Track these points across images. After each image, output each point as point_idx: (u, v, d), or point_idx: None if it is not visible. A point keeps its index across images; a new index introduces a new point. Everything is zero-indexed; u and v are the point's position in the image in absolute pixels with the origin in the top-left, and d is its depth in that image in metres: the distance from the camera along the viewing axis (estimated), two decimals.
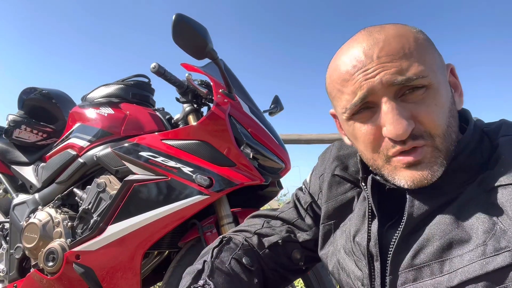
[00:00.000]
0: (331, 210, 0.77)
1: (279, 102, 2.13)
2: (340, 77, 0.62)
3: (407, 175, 0.58)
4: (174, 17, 1.24)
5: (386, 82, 0.56)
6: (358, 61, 0.59)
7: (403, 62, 0.56)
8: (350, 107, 0.60)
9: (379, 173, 0.64)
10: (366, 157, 0.65)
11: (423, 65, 0.56)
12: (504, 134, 0.60)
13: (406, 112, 0.56)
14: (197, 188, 1.35)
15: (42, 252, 1.49)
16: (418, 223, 0.59)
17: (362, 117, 0.61)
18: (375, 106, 0.59)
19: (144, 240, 1.37)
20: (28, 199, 1.75)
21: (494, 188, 0.54)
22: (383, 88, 0.56)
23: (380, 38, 0.58)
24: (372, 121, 0.59)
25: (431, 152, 0.57)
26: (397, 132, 0.55)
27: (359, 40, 0.61)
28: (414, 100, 0.57)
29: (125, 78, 1.77)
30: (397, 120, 0.55)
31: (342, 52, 0.64)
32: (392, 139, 0.57)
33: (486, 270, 0.49)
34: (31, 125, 1.93)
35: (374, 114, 0.59)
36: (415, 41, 0.58)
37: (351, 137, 0.66)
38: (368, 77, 0.57)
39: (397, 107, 0.56)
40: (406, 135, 0.55)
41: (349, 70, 0.60)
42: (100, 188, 1.48)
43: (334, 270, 0.73)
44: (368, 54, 0.58)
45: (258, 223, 0.88)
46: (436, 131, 0.57)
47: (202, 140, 1.43)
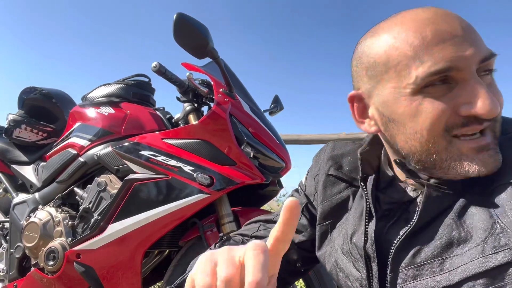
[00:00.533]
0: (327, 210, 0.77)
1: (279, 101, 2.14)
2: (415, 41, 0.54)
3: (479, 159, 0.54)
4: (175, 16, 1.25)
5: (478, 57, 0.52)
6: (441, 27, 0.53)
7: (481, 40, 0.54)
8: (428, 74, 0.53)
9: (433, 159, 0.57)
10: (423, 140, 0.57)
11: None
12: (505, 132, 0.60)
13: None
14: (197, 187, 1.35)
15: (43, 251, 1.49)
16: (424, 222, 0.59)
17: (435, 91, 0.54)
18: (453, 82, 0.54)
19: (145, 239, 1.38)
20: (28, 198, 1.75)
21: (495, 187, 0.54)
22: (472, 63, 0.52)
23: (451, 14, 0.55)
24: (448, 97, 0.54)
25: (493, 137, 0.56)
26: (492, 108, 0.51)
27: (431, 9, 0.56)
28: (488, 82, 0.55)
29: (125, 77, 1.77)
30: (490, 96, 0.52)
31: (406, 18, 0.57)
32: (482, 117, 0.52)
33: (485, 268, 0.49)
34: (31, 124, 1.93)
35: (451, 90, 0.54)
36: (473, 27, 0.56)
37: (407, 117, 0.57)
38: (458, 49, 0.52)
39: (485, 84, 0.53)
40: (497, 112, 0.52)
41: (431, 35, 0.53)
42: (100, 187, 1.48)
43: (333, 271, 0.73)
44: (449, 21, 0.54)
45: (255, 227, 0.88)
46: (499, 116, 0.56)
47: (202, 139, 1.43)
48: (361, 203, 0.69)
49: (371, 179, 0.66)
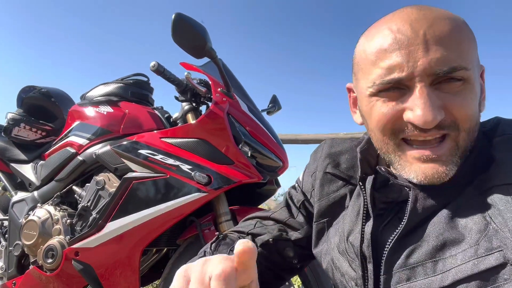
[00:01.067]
0: (324, 208, 0.77)
1: (277, 101, 2.15)
2: (377, 47, 0.57)
3: (420, 169, 0.56)
4: (174, 16, 1.26)
5: (430, 69, 0.52)
6: (403, 34, 0.54)
7: (450, 49, 0.53)
8: (380, 83, 0.56)
9: (387, 159, 0.62)
10: (376, 138, 0.62)
11: (467, 57, 0.54)
12: (499, 134, 0.60)
13: (439, 101, 0.53)
14: (195, 186, 1.36)
15: (41, 249, 1.50)
16: (416, 224, 0.59)
17: (388, 96, 0.57)
18: (406, 88, 0.55)
19: (143, 237, 1.38)
20: (27, 196, 1.76)
21: (488, 189, 0.54)
22: (423, 74, 0.53)
23: (431, 16, 0.55)
24: (397, 102, 0.56)
25: (450, 148, 0.55)
26: (426, 119, 0.52)
27: (407, 11, 0.57)
28: (450, 90, 0.54)
29: (124, 77, 1.78)
30: (428, 107, 0.52)
31: (384, 21, 0.59)
32: (417, 125, 0.54)
33: (478, 270, 0.49)
34: (30, 123, 1.94)
35: (402, 96, 0.56)
36: (464, 30, 0.56)
37: (366, 114, 0.63)
38: (410, 58, 0.53)
39: (431, 94, 0.53)
40: (433, 124, 0.53)
41: (389, 42, 0.55)
42: (99, 186, 1.49)
43: (328, 269, 0.73)
44: (415, 28, 0.54)
45: (251, 224, 0.89)
46: (465, 125, 0.55)
47: (200, 138, 1.44)
48: (358, 202, 0.69)
49: (370, 179, 0.66)
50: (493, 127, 0.62)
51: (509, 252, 0.48)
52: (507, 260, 0.48)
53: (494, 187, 0.54)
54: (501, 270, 0.48)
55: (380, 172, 0.64)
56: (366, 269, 0.62)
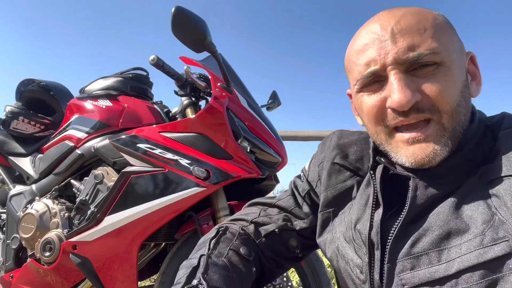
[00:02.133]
0: (330, 198, 0.77)
1: (277, 97, 2.14)
2: (356, 48, 0.63)
3: (409, 152, 0.58)
4: (174, 9, 1.25)
5: (398, 59, 0.57)
6: (374, 32, 0.60)
7: (416, 37, 0.57)
8: (361, 78, 0.61)
9: (383, 150, 0.65)
10: (371, 131, 0.66)
11: (436, 42, 0.57)
12: (504, 128, 0.60)
13: (413, 85, 0.57)
14: (194, 180, 1.36)
15: (39, 242, 1.50)
16: (419, 212, 0.59)
17: (370, 89, 0.62)
18: (385, 80, 0.60)
19: (141, 231, 1.38)
20: (25, 190, 1.76)
21: (493, 180, 0.55)
22: (395, 63, 0.57)
23: (399, 13, 0.60)
24: (378, 93, 0.60)
25: (436, 129, 0.57)
26: (401, 101, 0.56)
27: (378, 15, 0.63)
28: (424, 75, 0.57)
29: (123, 71, 1.77)
30: (401, 89, 0.56)
31: (361, 28, 0.65)
32: (395, 108, 0.57)
33: (483, 259, 0.50)
34: (29, 116, 1.93)
35: (382, 87, 0.60)
36: (433, 19, 0.59)
37: (359, 111, 0.67)
38: (381, 51, 0.58)
39: (405, 78, 0.57)
40: (409, 105, 0.56)
41: (364, 42, 0.61)
42: (97, 180, 1.49)
43: (333, 257, 0.74)
44: (384, 26, 0.60)
45: (255, 212, 0.88)
46: (444, 107, 0.57)
47: (200, 133, 1.43)
48: (366, 191, 0.70)
49: (380, 168, 0.67)
50: (498, 121, 0.63)
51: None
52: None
53: (499, 178, 0.54)
54: (507, 260, 0.49)
55: (380, 162, 0.67)
56: (373, 256, 0.63)
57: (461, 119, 0.59)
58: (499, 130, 0.61)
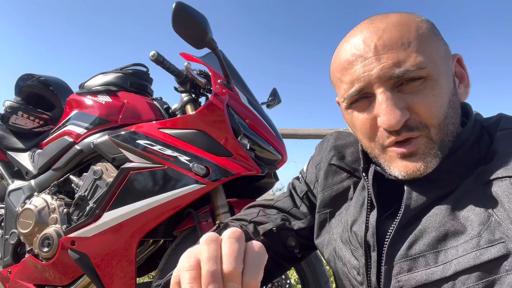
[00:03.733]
0: (327, 199, 0.77)
1: (277, 95, 2.14)
2: (340, 65, 0.62)
3: (401, 166, 0.59)
4: (174, 5, 1.24)
5: (384, 76, 0.56)
6: (357, 49, 0.59)
7: (401, 53, 0.56)
8: (347, 96, 0.61)
9: (377, 162, 0.65)
10: (364, 146, 0.66)
11: (422, 56, 0.56)
12: (501, 128, 0.60)
13: (401, 102, 0.56)
14: (193, 177, 1.35)
15: (37, 238, 1.49)
16: (415, 214, 0.59)
17: (359, 106, 0.61)
18: (372, 96, 0.59)
19: (140, 227, 1.38)
20: (23, 185, 1.75)
21: (490, 181, 0.54)
22: (380, 81, 0.56)
23: (381, 27, 0.58)
24: (368, 111, 0.60)
25: (425, 143, 0.57)
26: (390, 122, 0.55)
27: (360, 28, 0.61)
28: (411, 91, 0.56)
29: (123, 66, 1.77)
30: (390, 110, 0.55)
31: (344, 41, 0.64)
32: (386, 129, 0.57)
33: (480, 261, 0.50)
34: (28, 111, 1.93)
35: (371, 104, 0.59)
36: (416, 30, 0.58)
37: (350, 126, 0.67)
38: (365, 69, 0.57)
39: (392, 97, 0.56)
40: (399, 125, 0.55)
41: (348, 58, 0.60)
42: (96, 175, 1.48)
43: (330, 258, 0.74)
44: (367, 42, 0.58)
45: (254, 212, 0.88)
46: (432, 122, 0.57)
47: (199, 129, 1.43)
48: (362, 193, 0.70)
49: (372, 169, 0.67)
50: (495, 122, 0.63)
51: (511, 244, 0.48)
52: (509, 251, 0.48)
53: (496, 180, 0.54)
54: (503, 261, 0.49)
55: (376, 170, 0.66)
56: (369, 257, 0.63)
57: (450, 129, 0.59)
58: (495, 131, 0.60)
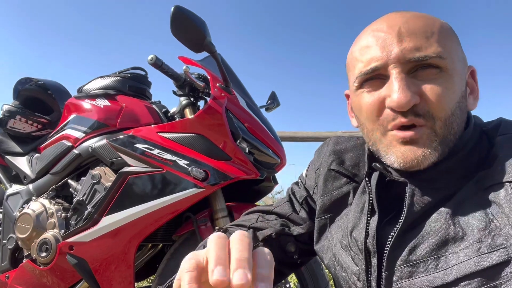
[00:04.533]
0: (327, 204, 0.77)
1: (276, 98, 2.13)
2: (360, 45, 0.63)
3: (400, 152, 0.58)
4: (173, 9, 1.24)
5: (403, 57, 0.56)
6: (381, 31, 0.60)
7: (423, 40, 0.57)
8: (361, 74, 0.61)
9: (374, 149, 0.65)
10: (366, 130, 0.65)
11: (442, 48, 0.57)
12: (501, 133, 0.60)
13: (415, 87, 0.57)
14: (192, 181, 1.35)
15: (35, 243, 1.48)
16: (416, 219, 0.59)
17: (370, 86, 0.61)
18: (386, 78, 0.59)
19: (138, 232, 1.37)
20: (21, 189, 1.74)
21: (490, 186, 0.54)
22: (398, 62, 0.57)
23: (407, 15, 0.60)
24: (378, 91, 0.60)
25: (428, 134, 0.57)
26: (400, 101, 0.55)
27: (387, 15, 0.63)
28: (426, 78, 0.57)
29: (122, 70, 1.76)
30: (402, 90, 0.55)
31: (368, 27, 0.65)
32: (394, 108, 0.57)
33: (481, 267, 0.49)
34: (26, 115, 1.92)
35: (383, 85, 0.60)
36: (440, 26, 0.59)
37: (357, 110, 0.66)
38: (386, 49, 0.58)
39: (407, 79, 0.57)
40: (408, 106, 0.56)
41: (369, 39, 0.61)
42: (95, 180, 1.48)
43: (330, 264, 0.73)
44: (391, 26, 0.59)
45: (253, 218, 0.88)
46: (439, 114, 0.57)
47: (198, 133, 1.43)
48: (362, 198, 0.70)
49: (376, 175, 0.67)
50: (494, 127, 0.63)
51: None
52: (510, 257, 0.48)
53: (496, 185, 0.54)
54: (504, 267, 0.48)
55: (376, 168, 0.66)
56: (369, 263, 0.63)
57: (454, 128, 0.59)
58: (495, 135, 0.60)
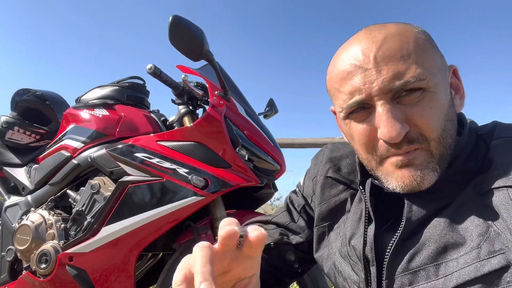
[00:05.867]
0: (325, 212, 0.77)
1: (274, 105, 2.14)
2: (338, 75, 0.61)
3: (398, 176, 0.58)
4: (171, 18, 1.25)
5: (384, 88, 0.55)
6: (356, 60, 0.58)
7: (401, 65, 0.55)
8: (346, 107, 0.60)
9: (374, 175, 0.64)
10: (361, 157, 0.65)
11: (421, 68, 0.55)
12: (497, 137, 0.60)
13: (401, 114, 0.56)
14: (192, 189, 1.35)
15: (35, 254, 1.47)
16: (415, 227, 0.59)
17: (358, 117, 0.60)
18: (371, 107, 0.58)
19: (139, 242, 1.37)
20: (20, 201, 1.74)
21: (488, 191, 0.54)
22: (380, 93, 0.56)
23: (379, 37, 0.58)
24: (367, 122, 0.59)
25: (424, 155, 0.57)
26: (391, 134, 0.55)
27: (358, 38, 0.61)
28: (410, 102, 0.56)
29: (120, 79, 1.77)
30: (391, 122, 0.55)
31: (341, 50, 0.63)
32: (387, 141, 0.57)
33: (481, 273, 0.49)
34: (24, 126, 1.92)
35: (370, 115, 0.59)
36: (415, 41, 0.58)
37: (348, 136, 0.66)
38: (366, 80, 0.57)
39: (392, 109, 0.56)
40: (400, 138, 0.55)
41: (346, 69, 0.60)
42: (94, 190, 1.47)
43: (330, 273, 0.73)
44: (366, 53, 0.58)
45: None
46: (431, 135, 0.56)
47: (197, 141, 1.43)
48: (359, 206, 0.69)
49: (369, 182, 0.67)
50: (490, 130, 0.63)
51: (511, 255, 0.48)
52: (509, 262, 0.48)
53: (494, 190, 0.53)
54: (504, 272, 0.48)
55: (374, 183, 0.66)
56: (369, 272, 0.62)
57: (448, 141, 0.59)
58: (491, 139, 0.60)
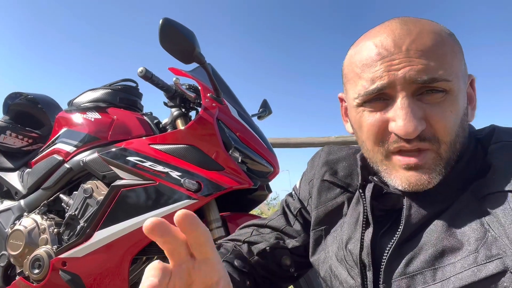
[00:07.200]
0: (322, 216, 0.76)
1: (268, 106, 2.14)
2: (362, 60, 0.59)
3: (404, 176, 0.57)
4: (161, 21, 1.24)
5: (410, 78, 0.54)
6: (386, 48, 0.56)
7: (431, 61, 0.54)
8: (365, 94, 0.58)
9: (376, 169, 0.63)
10: (366, 148, 0.63)
11: (449, 69, 0.55)
12: (495, 141, 0.60)
13: (420, 112, 0.55)
14: (185, 193, 1.34)
15: (28, 259, 1.46)
16: (413, 231, 0.59)
17: (373, 106, 0.59)
18: (390, 99, 0.57)
19: (132, 246, 1.36)
20: (13, 205, 1.73)
21: (486, 196, 0.54)
22: (404, 83, 0.54)
23: (415, 31, 0.56)
24: (382, 113, 0.58)
25: (433, 158, 0.56)
26: (407, 130, 0.53)
27: (391, 26, 0.58)
28: (431, 101, 0.55)
29: (112, 82, 1.76)
30: (409, 117, 0.53)
31: (370, 35, 0.61)
32: (399, 136, 0.56)
33: (478, 278, 0.49)
34: (16, 130, 1.91)
35: (387, 107, 0.57)
36: (448, 43, 0.57)
37: (356, 125, 0.64)
38: (392, 68, 0.55)
39: (413, 105, 0.54)
40: (415, 134, 0.54)
41: (373, 56, 0.57)
42: (87, 194, 1.46)
43: (327, 277, 0.73)
44: (398, 43, 0.56)
45: (247, 232, 0.87)
46: (445, 138, 0.56)
47: (190, 144, 1.42)
48: (357, 209, 0.69)
49: (370, 186, 0.66)
50: (488, 135, 0.62)
51: (508, 260, 0.48)
52: (506, 267, 0.48)
53: (491, 194, 0.53)
54: (501, 277, 0.48)
55: (373, 181, 0.65)
56: (365, 277, 0.62)
57: (457, 148, 0.58)
58: (489, 143, 0.60)
